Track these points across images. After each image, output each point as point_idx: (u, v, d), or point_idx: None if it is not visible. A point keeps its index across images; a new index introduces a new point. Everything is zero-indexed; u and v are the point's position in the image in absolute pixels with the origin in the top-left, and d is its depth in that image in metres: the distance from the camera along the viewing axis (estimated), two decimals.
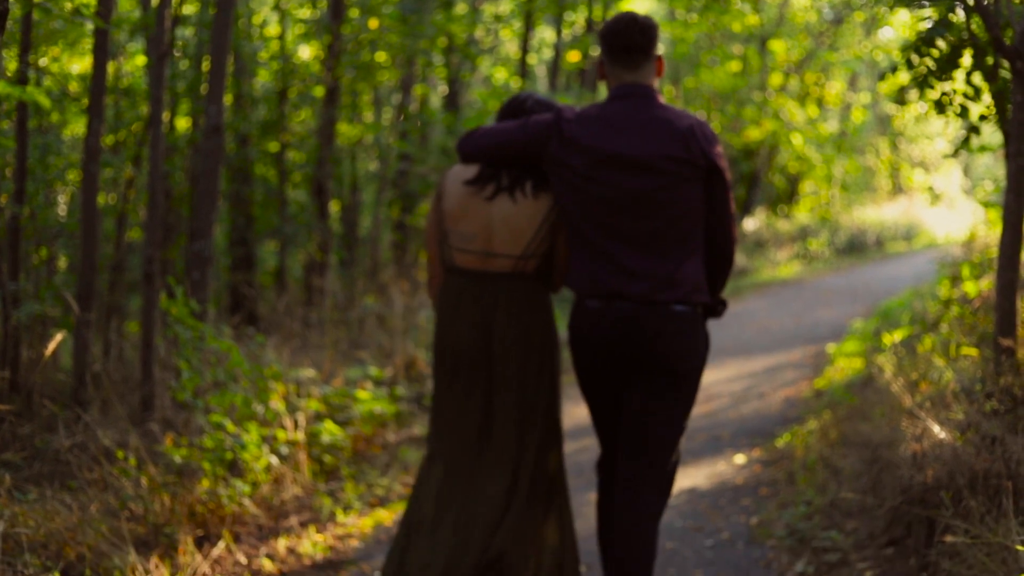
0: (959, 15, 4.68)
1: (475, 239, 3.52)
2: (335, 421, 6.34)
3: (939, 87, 4.88)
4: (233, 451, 5.10)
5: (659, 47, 3.49)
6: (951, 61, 4.76)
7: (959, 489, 3.86)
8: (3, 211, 5.99)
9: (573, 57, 14.00)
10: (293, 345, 7.84)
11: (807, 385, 8.23)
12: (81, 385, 5.57)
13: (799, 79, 20.17)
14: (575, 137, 3.40)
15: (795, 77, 20.02)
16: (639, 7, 16.02)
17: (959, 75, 4.86)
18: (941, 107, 4.91)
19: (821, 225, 19.99)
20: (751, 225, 18.77)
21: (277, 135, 10.67)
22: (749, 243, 17.96)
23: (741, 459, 6.32)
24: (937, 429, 4.15)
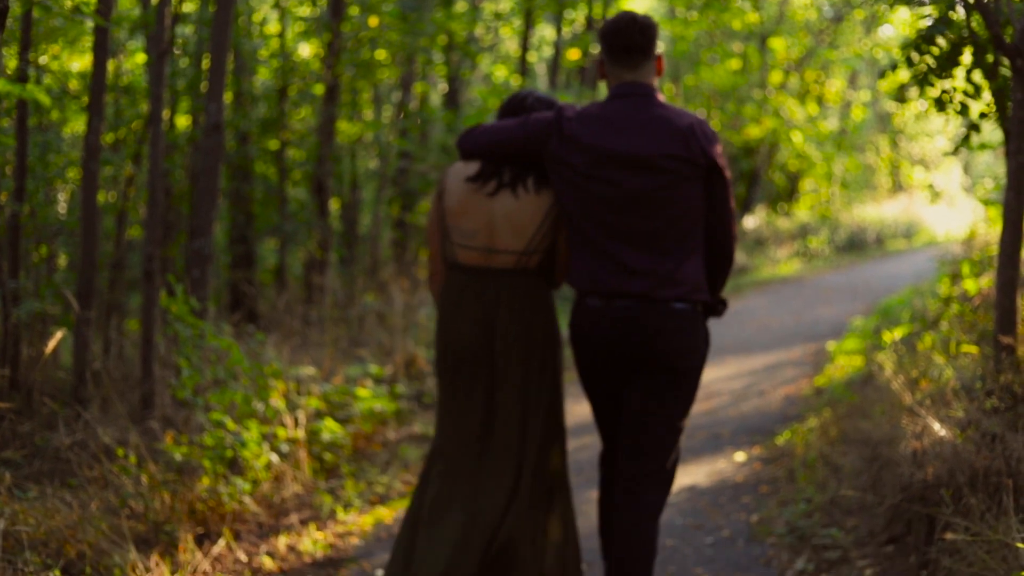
0: (959, 13, 4.68)
1: (478, 235, 3.52)
2: (335, 419, 6.34)
3: (939, 85, 4.88)
4: (233, 449, 5.10)
5: (659, 46, 3.50)
6: (951, 59, 4.76)
7: (959, 487, 3.86)
8: (3, 209, 5.99)
9: (573, 55, 14.00)
10: (293, 343, 7.84)
11: (807, 383, 8.23)
12: (81, 383, 5.57)
13: (799, 77, 20.16)
14: (575, 135, 3.41)
15: (795, 75, 20.02)
16: (639, 6, 16.03)
17: (959, 73, 4.86)
18: (941, 105, 4.91)
19: (821, 223, 19.98)
20: (751, 223, 18.76)
21: (277, 133, 10.67)
22: (749, 241, 17.96)
23: (741, 457, 6.32)
24: (937, 427, 4.15)
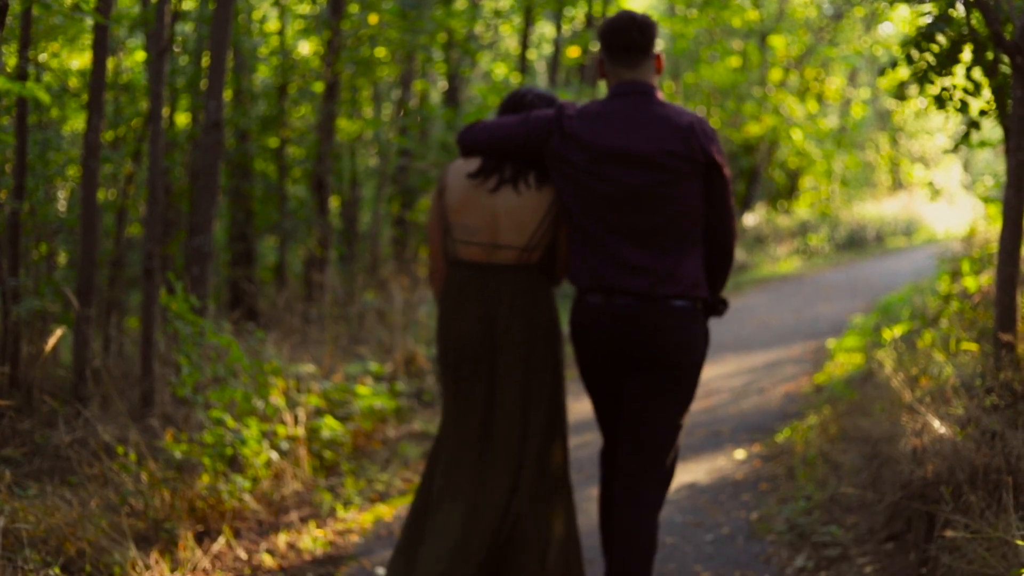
0: (959, 10, 4.68)
1: (480, 232, 3.52)
2: (335, 417, 6.34)
3: (939, 82, 4.88)
4: (233, 447, 5.10)
5: (658, 44, 3.50)
6: (951, 56, 4.76)
7: (959, 484, 3.86)
8: (3, 207, 5.99)
9: (573, 53, 13.99)
10: (293, 341, 7.84)
11: (807, 380, 8.23)
12: (81, 381, 5.57)
13: (799, 74, 20.16)
14: (576, 133, 3.41)
15: (795, 73, 20.01)
16: (638, 4, 16.02)
17: (959, 70, 4.86)
18: (941, 102, 4.91)
19: (821, 220, 19.96)
20: (751, 221, 18.75)
21: (277, 131, 10.67)
22: (749, 239, 17.95)
23: (741, 454, 6.32)
24: (937, 424, 4.15)
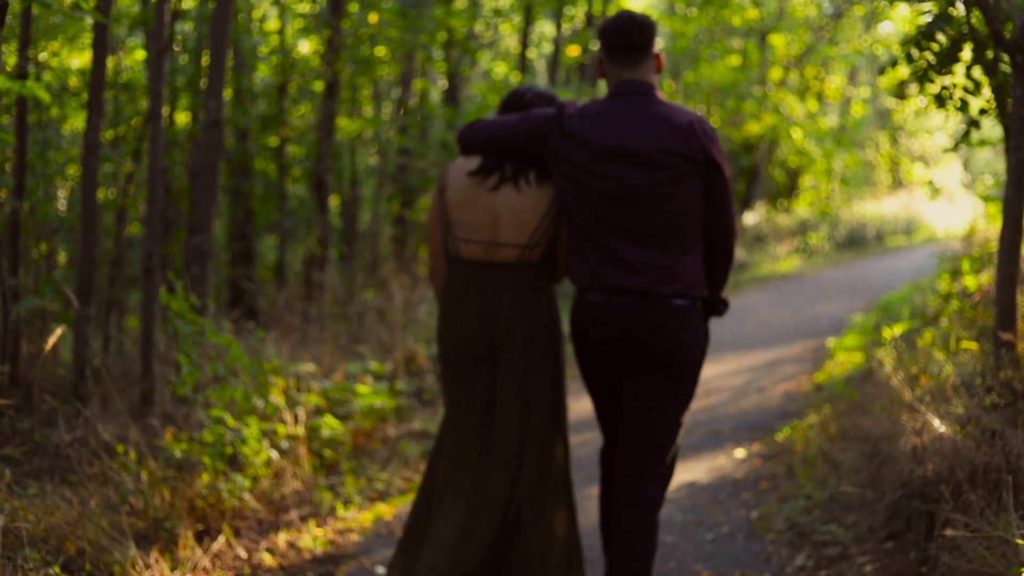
0: (959, 9, 4.67)
1: (481, 229, 3.52)
2: (335, 415, 6.34)
3: (939, 81, 4.87)
4: (233, 445, 5.11)
5: (657, 43, 3.51)
6: (951, 55, 4.76)
7: (959, 483, 3.86)
8: (3, 206, 5.99)
9: (573, 51, 13.99)
10: (293, 340, 7.85)
11: (807, 379, 8.23)
12: (81, 380, 5.57)
13: (799, 73, 20.15)
14: (576, 131, 3.42)
15: (795, 71, 20.00)
16: (638, 3, 16.01)
17: (959, 69, 4.85)
18: (941, 101, 4.90)
19: (821, 219, 19.96)
20: (751, 219, 18.74)
21: (277, 130, 10.67)
22: (749, 237, 17.94)
23: (741, 453, 6.32)
24: (937, 423, 4.15)
